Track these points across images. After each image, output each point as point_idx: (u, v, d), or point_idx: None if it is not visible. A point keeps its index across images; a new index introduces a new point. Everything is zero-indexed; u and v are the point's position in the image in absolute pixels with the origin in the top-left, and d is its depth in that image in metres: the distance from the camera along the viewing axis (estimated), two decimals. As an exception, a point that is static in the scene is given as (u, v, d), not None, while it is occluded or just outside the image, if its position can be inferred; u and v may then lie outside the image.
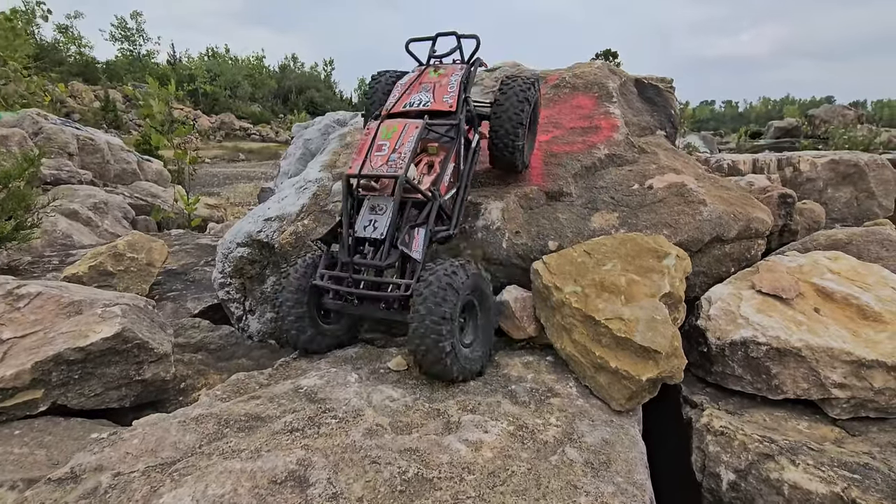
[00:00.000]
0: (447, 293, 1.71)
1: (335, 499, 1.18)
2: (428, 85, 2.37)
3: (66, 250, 4.60)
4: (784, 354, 1.81)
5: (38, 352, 1.90)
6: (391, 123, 2.16)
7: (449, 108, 2.23)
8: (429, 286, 1.72)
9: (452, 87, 2.31)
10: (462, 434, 1.46)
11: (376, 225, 1.99)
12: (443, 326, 1.68)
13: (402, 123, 2.14)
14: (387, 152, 2.05)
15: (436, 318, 1.68)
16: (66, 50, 27.48)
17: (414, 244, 1.95)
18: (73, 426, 1.90)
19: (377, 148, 2.07)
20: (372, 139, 2.10)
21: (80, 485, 1.25)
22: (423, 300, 1.71)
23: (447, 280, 1.74)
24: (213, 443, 1.41)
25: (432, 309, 1.68)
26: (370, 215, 2.03)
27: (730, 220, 2.39)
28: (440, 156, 2.20)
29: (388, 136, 2.10)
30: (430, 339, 1.68)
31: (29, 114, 7.79)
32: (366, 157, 2.05)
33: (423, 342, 1.69)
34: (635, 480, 1.30)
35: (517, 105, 2.34)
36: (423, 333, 1.68)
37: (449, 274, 1.76)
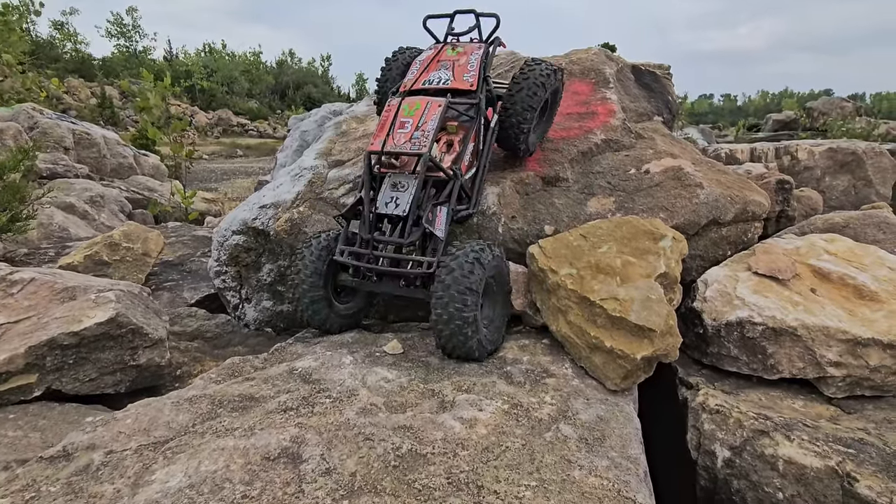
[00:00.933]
0: (474, 267, 1.75)
1: (328, 474, 1.18)
2: (447, 62, 2.34)
3: (62, 242, 4.58)
4: (780, 334, 1.81)
5: (31, 336, 1.89)
6: (413, 101, 2.14)
7: (469, 86, 2.21)
8: (456, 259, 1.76)
9: (472, 66, 2.28)
10: (457, 412, 1.46)
11: (398, 202, 1.98)
12: (468, 297, 1.72)
13: (424, 101, 2.12)
14: (410, 129, 2.04)
15: (461, 289, 1.71)
16: (62, 46, 27.31)
17: (437, 222, 1.96)
18: (68, 411, 1.90)
19: (400, 125, 2.05)
20: (394, 116, 2.09)
21: (73, 462, 1.25)
22: (449, 271, 1.74)
23: (475, 255, 1.78)
24: (207, 422, 1.41)
25: (459, 279, 1.71)
26: (392, 192, 2.02)
27: (727, 202, 2.38)
28: (459, 135, 2.18)
29: (410, 114, 2.08)
30: (454, 308, 1.70)
31: (24, 108, 7.74)
32: (388, 134, 2.04)
33: (446, 311, 1.71)
34: (629, 455, 1.30)
35: (533, 89, 2.30)
36: (447, 303, 1.71)
37: (476, 251, 1.81)
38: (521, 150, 2.45)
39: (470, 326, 1.75)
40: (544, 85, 2.33)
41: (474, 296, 1.74)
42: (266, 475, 1.18)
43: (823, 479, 1.35)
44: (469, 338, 1.76)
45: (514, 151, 2.51)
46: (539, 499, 1.11)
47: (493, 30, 2.42)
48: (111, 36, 31.32)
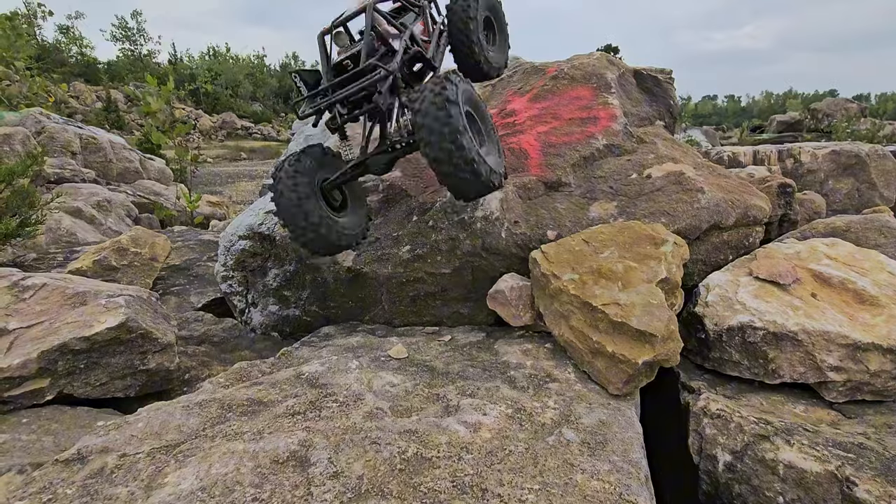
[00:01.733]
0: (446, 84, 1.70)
1: (336, 477, 1.21)
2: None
3: (70, 247, 4.64)
4: (781, 339, 1.82)
5: (43, 341, 1.93)
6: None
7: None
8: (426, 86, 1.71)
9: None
10: (461, 416, 1.48)
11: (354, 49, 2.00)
12: (452, 108, 1.64)
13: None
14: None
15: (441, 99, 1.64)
16: (68, 51, 27.56)
17: (392, 38, 2.01)
18: (80, 414, 1.94)
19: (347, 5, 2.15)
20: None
21: (87, 465, 1.28)
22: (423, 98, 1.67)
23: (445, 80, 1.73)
24: (217, 426, 1.44)
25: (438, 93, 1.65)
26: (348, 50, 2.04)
27: (728, 207, 2.40)
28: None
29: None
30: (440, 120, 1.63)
31: (32, 113, 7.83)
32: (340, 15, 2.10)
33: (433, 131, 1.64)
34: (631, 459, 1.32)
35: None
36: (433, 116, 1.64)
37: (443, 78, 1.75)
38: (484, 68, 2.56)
39: (464, 137, 1.67)
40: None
41: (456, 107, 1.67)
42: (275, 478, 1.21)
43: (823, 483, 1.37)
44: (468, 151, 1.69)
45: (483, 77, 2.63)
46: (542, 502, 1.13)
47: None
48: (116, 40, 31.58)
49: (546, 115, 3.12)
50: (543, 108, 3.18)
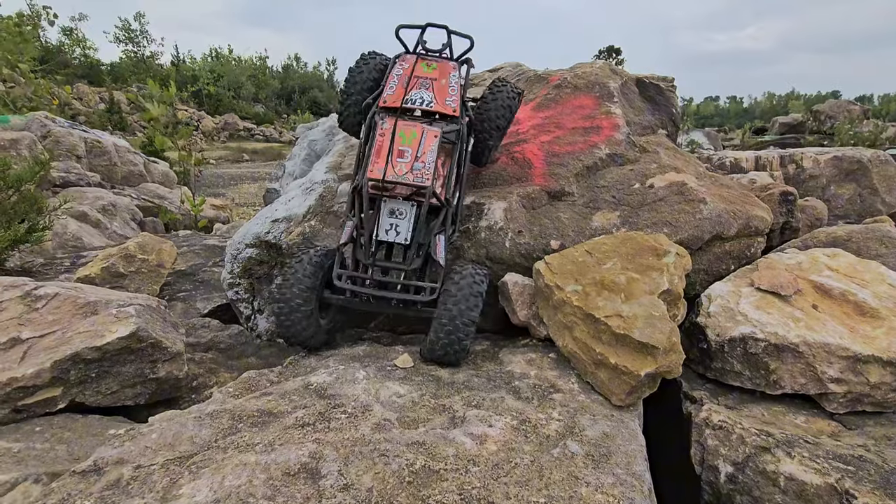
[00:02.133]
0: (478, 300, 1.96)
1: (346, 490, 1.24)
2: (426, 81, 2.35)
3: (76, 252, 4.69)
4: (782, 350, 1.85)
5: (56, 351, 1.97)
6: (408, 128, 2.15)
7: (453, 112, 2.27)
8: (461, 290, 1.95)
9: (453, 90, 2.32)
10: (467, 428, 1.51)
11: (398, 229, 2.07)
12: (471, 328, 1.94)
13: (420, 129, 2.15)
14: (409, 159, 2.07)
15: (466, 321, 1.92)
16: (71, 52, 27.68)
17: (438, 250, 2.08)
18: (91, 423, 1.97)
19: (398, 153, 2.09)
20: (391, 143, 2.09)
21: (103, 477, 1.31)
22: (455, 302, 1.92)
23: (477, 288, 1.98)
24: (228, 437, 1.47)
25: (463, 311, 1.91)
26: (390, 219, 2.09)
27: (730, 218, 2.42)
28: (445, 160, 2.25)
29: (408, 142, 2.11)
30: (456, 336, 1.91)
31: (37, 117, 7.89)
32: (387, 162, 2.05)
33: (448, 338, 1.91)
34: (634, 472, 1.35)
35: (500, 110, 2.46)
36: (451, 331, 1.90)
37: (477, 280, 2.00)
38: (484, 162, 2.68)
39: (473, 327, 1.95)
40: (511, 107, 2.51)
41: (474, 326, 1.95)
42: (287, 490, 1.24)
43: (823, 495, 1.39)
44: (469, 337, 1.96)
45: (478, 164, 2.70)
46: (548, 515, 1.16)
47: (466, 50, 2.46)
48: (119, 41, 31.69)
49: (549, 124, 3.15)
50: (547, 118, 3.21)
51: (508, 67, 4.29)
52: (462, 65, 2.46)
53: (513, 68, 4.19)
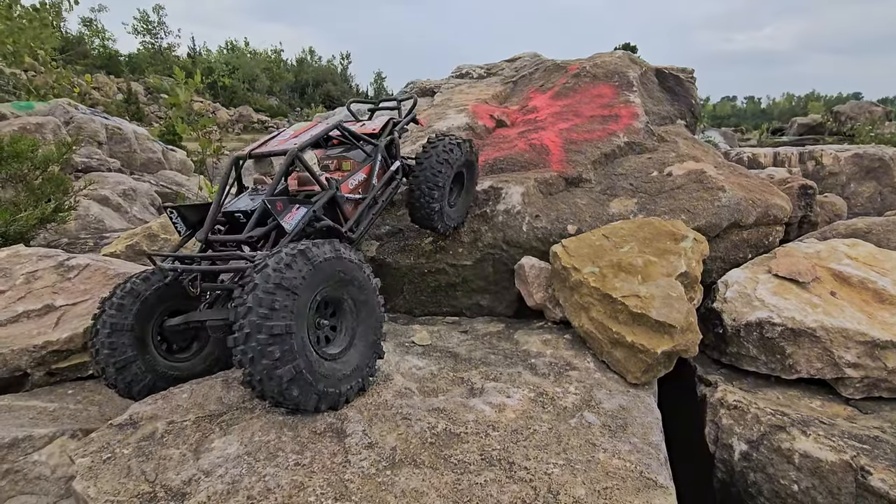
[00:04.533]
0: (276, 297, 1.26)
1: (371, 447, 1.29)
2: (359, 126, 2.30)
3: (99, 233, 4.80)
4: (799, 335, 1.86)
5: (88, 318, 2.04)
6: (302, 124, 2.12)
7: (372, 131, 2.18)
8: (253, 290, 1.26)
9: (379, 122, 2.29)
10: (486, 398, 1.55)
11: (252, 201, 1.72)
12: (276, 346, 1.24)
13: (312, 123, 2.13)
14: (288, 137, 1.91)
15: (264, 338, 1.23)
16: (91, 43, 28.11)
17: (289, 215, 1.57)
18: (120, 388, 2.05)
19: (280, 139, 1.91)
20: (277, 134, 2.00)
21: (139, 430, 1.38)
22: (246, 311, 1.25)
23: (276, 278, 1.28)
24: (255, 399, 1.53)
25: (258, 324, 1.23)
26: (250, 195, 1.79)
27: (748, 206, 2.42)
28: (352, 168, 2.04)
29: (293, 130, 2.01)
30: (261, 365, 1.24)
31: (60, 103, 8.07)
32: (263, 144, 1.90)
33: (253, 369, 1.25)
34: (651, 441, 1.37)
35: (437, 166, 2.15)
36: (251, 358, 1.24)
37: (280, 267, 1.31)
38: (439, 227, 2.25)
39: (294, 384, 1.27)
40: (448, 161, 2.18)
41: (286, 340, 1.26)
42: (314, 446, 1.29)
43: (838, 472, 1.41)
44: (297, 396, 1.30)
45: (432, 229, 2.30)
46: (566, 475, 1.20)
47: (410, 108, 2.52)
48: (137, 33, 32.09)
49: (568, 112, 3.17)
50: (565, 106, 3.22)
51: (527, 57, 4.30)
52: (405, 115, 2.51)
53: (531, 58, 4.20)
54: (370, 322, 1.56)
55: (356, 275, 1.52)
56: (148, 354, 1.64)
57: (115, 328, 1.57)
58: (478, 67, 4.32)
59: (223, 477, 1.18)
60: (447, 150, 2.20)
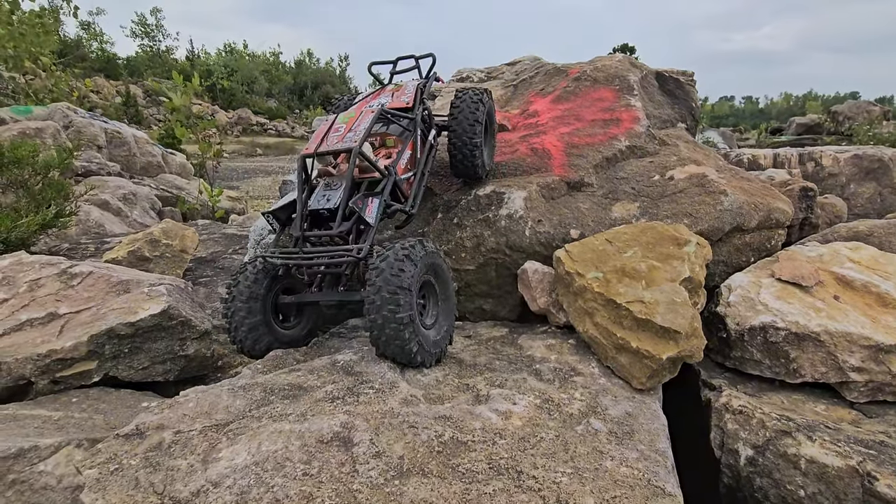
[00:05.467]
0: (404, 264, 1.69)
1: (378, 457, 1.29)
2: (387, 94, 2.53)
3: (99, 238, 4.80)
4: (803, 339, 1.86)
5: (92, 326, 2.04)
6: (347, 112, 2.26)
7: (406, 104, 2.37)
8: (385, 258, 1.70)
9: (409, 91, 2.47)
10: (492, 405, 1.55)
11: (329, 198, 2.00)
12: (400, 296, 1.63)
13: (358, 110, 2.23)
14: (343, 132, 2.09)
15: (392, 289, 1.63)
16: (89, 46, 28.13)
17: (368, 210, 1.93)
18: (124, 396, 2.05)
19: (334, 130, 2.11)
20: (330, 126, 2.15)
21: (146, 440, 1.37)
22: (379, 272, 1.66)
23: (405, 252, 1.72)
24: (262, 408, 1.53)
25: (389, 279, 1.64)
26: (325, 191, 2.05)
27: (750, 210, 2.43)
28: (397, 147, 2.28)
29: (344, 121, 2.17)
30: (387, 310, 1.62)
31: (59, 107, 8.06)
32: (322, 140, 2.08)
33: (379, 315, 1.64)
34: (658, 448, 1.38)
35: (470, 119, 2.40)
36: (379, 306, 1.63)
37: (407, 248, 1.75)
38: (479, 169, 2.49)
39: (407, 329, 1.65)
40: (478, 114, 2.43)
41: (407, 294, 1.65)
42: (322, 456, 1.29)
43: (844, 477, 1.41)
44: (408, 341, 1.66)
45: (472, 175, 2.55)
46: (575, 484, 1.20)
47: (430, 66, 2.65)
48: (135, 36, 32.12)
49: (569, 116, 3.17)
50: (566, 110, 3.23)
51: (527, 61, 4.31)
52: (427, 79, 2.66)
53: (531, 61, 4.21)
54: (449, 304, 2.00)
55: (440, 263, 1.94)
56: (269, 320, 2.05)
57: (251, 296, 1.97)
58: (478, 71, 4.33)
59: (231, 488, 1.18)
60: (475, 103, 2.45)
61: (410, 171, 2.24)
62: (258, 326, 2.00)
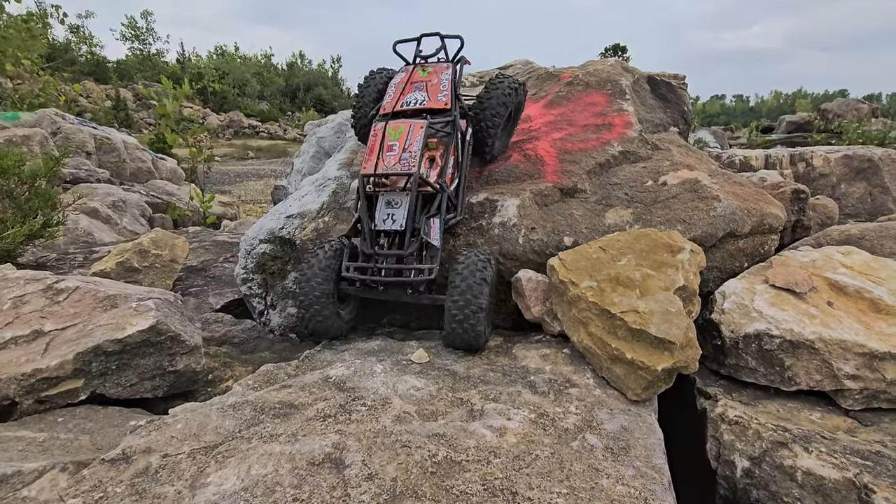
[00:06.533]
0: (487, 265, 2.06)
1: (371, 479, 1.26)
2: (420, 84, 2.53)
3: (88, 247, 4.73)
4: (797, 347, 1.85)
5: (78, 343, 2.00)
6: (396, 124, 2.33)
7: (444, 105, 2.41)
8: (469, 258, 2.06)
9: (444, 86, 2.49)
10: (486, 421, 1.53)
11: (395, 218, 2.19)
12: (484, 288, 2.00)
13: (407, 124, 2.31)
14: (398, 151, 2.23)
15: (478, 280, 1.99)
16: (78, 50, 27.84)
17: (432, 232, 2.16)
18: (112, 414, 2.00)
19: (388, 148, 2.25)
20: (381, 140, 2.27)
21: (132, 465, 1.34)
22: (466, 266, 2.02)
23: (485, 257, 2.11)
24: (252, 428, 1.49)
25: (475, 272, 2.00)
26: (387, 209, 2.22)
27: (743, 215, 2.43)
28: (440, 150, 2.36)
29: (396, 137, 2.28)
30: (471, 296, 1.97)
31: (47, 113, 7.96)
32: (378, 157, 2.23)
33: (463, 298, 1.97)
34: (654, 464, 1.36)
35: (500, 99, 2.56)
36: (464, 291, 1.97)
37: (484, 255, 2.13)
38: (487, 156, 2.73)
39: (483, 312, 1.98)
40: (507, 100, 2.60)
41: (487, 287, 2.00)
42: (313, 479, 1.26)
43: (841, 490, 1.40)
44: (480, 322, 1.98)
45: (480, 157, 2.77)
46: (571, 506, 1.18)
47: (458, 50, 2.66)
48: (125, 39, 31.85)
49: (561, 121, 3.16)
50: (559, 115, 3.22)
51: (519, 65, 4.29)
52: (456, 64, 2.63)
53: (523, 66, 4.19)
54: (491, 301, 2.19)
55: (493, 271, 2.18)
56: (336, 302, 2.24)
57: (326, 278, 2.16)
58: (470, 76, 4.31)
59: (220, 516, 1.14)
60: (510, 90, 2.61)
61: (456, 179, 2.41)
62: (329, 306, 2.18)
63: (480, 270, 2.02)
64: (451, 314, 1.99)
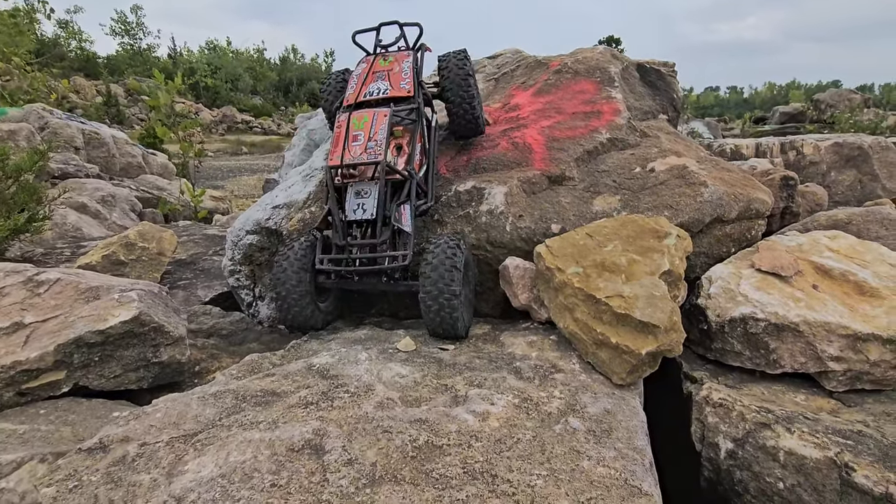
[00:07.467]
0: (456, 250, 2.03)
1: (350, 464, 1.25)
2: (382, 73, 2.52)
3: (76, 242, 4.68)
4: (782, 330, 1.86)
5: (59, 335, 1.97)
6: (360, 114, 2.31)
7: (407, 93, 2.40)
8: (439, 246, 2.04)
9: (406, 74, 2.48)
10: (469, 406, 1.52)
11: (365, 207, 2.17)
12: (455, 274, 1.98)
13: (371, 113, 2.29)
14: (363, 141, 2.21)
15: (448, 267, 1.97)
16: (67, 45, 27.48)
17: (403, 219, 2.15)
18: (95, 406, 1.98)
19: (353, 138, 2.22)
20: (346, 131, 2.25)
21: (109, 454, 1.32)
22: (436, 255, 2.00)
23: (454, 241, 2.07)
24: (232, 416, 1.48)
25: (444, 260, 1.98)
26: (357, 199, 2.20)
27: (730, 200, 2.42)
28: (406, 137, 2.35)
29: (360, 127, 2.26)
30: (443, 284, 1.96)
31: (34, 109, 7.85)
32: (344, 148, 2.20)
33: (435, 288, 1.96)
34: (636, 446, 1.36)
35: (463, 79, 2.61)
36: (436, 280, 1.97)
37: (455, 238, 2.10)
38: (481, 123, 2.80)
39: (457, 299, 1.97)
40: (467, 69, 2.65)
41: (458, 273, 1.98)
42: (292, 465, 1.25)
43: (822, 469, 1.41)
44: (455, 309, 1.97)
45: (476, 131, 2.84)
46: (550, 487, 1.18)
47: (417, 37, 2.64)
48: (115, 34, 31.45)
49: (550, 109, 3.14)
50: (547, 103, 3.19)
51: (508, 54, 4.26)
52: (417, 51, 2.63)
53: (513, 54, 4.16)
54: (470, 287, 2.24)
55: (469, 256, 2.25)
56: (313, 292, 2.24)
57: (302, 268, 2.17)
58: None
59: (195, 503, 1.13)
60: (461, 63, 2.66)
61: (424, 165, 2.41)
62: (305, 296, 2.18)
63: (450, 257, 1.99)
64: (426, 304, 1.99)
